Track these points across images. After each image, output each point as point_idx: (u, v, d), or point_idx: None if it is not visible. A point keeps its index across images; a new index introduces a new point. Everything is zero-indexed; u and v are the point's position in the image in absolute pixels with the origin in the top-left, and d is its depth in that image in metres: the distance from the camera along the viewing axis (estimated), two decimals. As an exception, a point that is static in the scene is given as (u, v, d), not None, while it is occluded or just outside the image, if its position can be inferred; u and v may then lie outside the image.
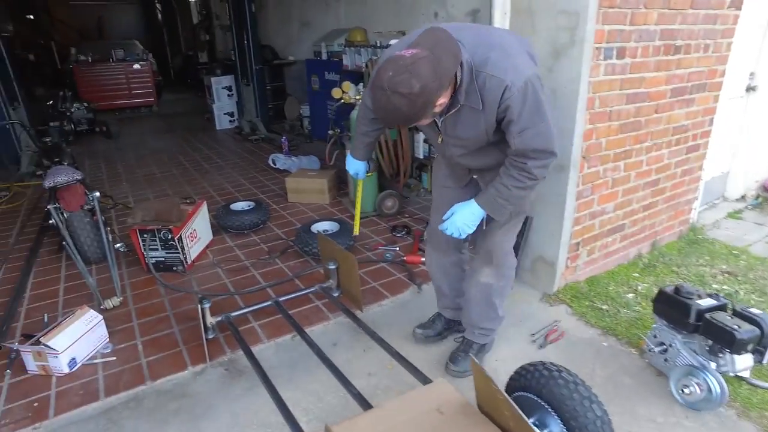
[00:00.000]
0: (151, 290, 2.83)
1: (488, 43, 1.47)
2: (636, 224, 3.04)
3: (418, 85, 1.30)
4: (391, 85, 1.31)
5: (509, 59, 1.44)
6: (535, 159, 1.55)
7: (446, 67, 1.35)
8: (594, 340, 2.40)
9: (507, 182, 1.62)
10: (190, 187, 4.69)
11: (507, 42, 1.52)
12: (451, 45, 1.39)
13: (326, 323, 2.49)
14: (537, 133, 1.51)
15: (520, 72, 1.43)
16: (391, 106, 1.34)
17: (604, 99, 2.41)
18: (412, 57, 1.32)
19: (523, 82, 1.43)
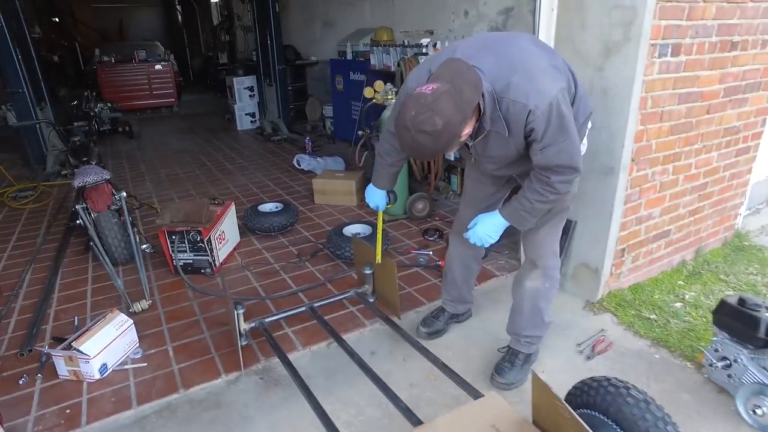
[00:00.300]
0: (179, 293, 2.76)
1: (509, 65, 1.43)
2: (681, 230, 2.90)
3: (441, 122, 1.30)
4: (415, 125, 1.32)
5: (532, 82, 1.41)
6: (558, 174, 1.54)
7: (468, 98, 1.34)
8: (644, 351, 2.27)
9: (529, 196, 1.62)
10: (213, 188, 4.64)
11: (529, 60, 1.47)
12: (470, 75, 1.37)
13: (362, 330, 2.40)
14: (559, 150, 1.48)
15: (544, 94, 1.40)
16: (416, 144, 1.35)
17: (657, 99, 2.28)
18: (433, 94, 1.31)
19: (547, 105, 1.40)
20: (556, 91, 1.42)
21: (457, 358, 2.23)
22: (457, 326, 2.45)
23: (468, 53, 1.47)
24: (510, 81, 1.40)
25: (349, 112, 5.76)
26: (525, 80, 1.40)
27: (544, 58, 1.51)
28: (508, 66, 1.42)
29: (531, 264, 1.99)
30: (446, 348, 2.30)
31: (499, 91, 1.41)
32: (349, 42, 5.67)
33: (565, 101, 1.46)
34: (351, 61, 5.56)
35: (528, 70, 1.42)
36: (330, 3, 6.70)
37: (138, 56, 9.29)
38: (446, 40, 4.34)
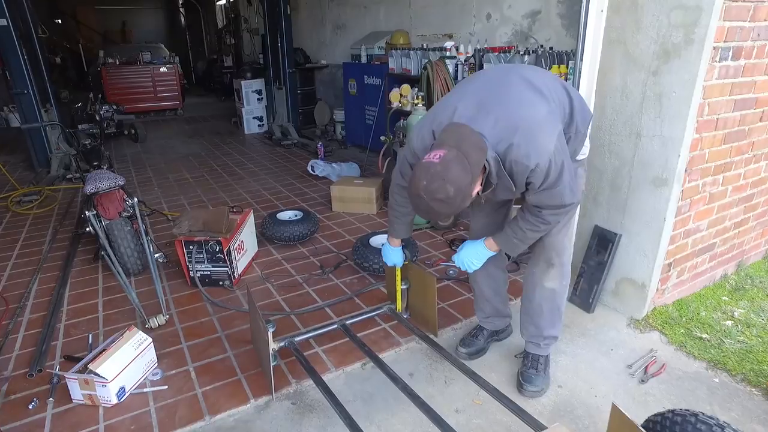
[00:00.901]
0: (197, 307, 2.60)
1: (509, 126, 1.46)
2: (726, 243, 2.76)
3: (453, 189, 1.36)
4: (428, 194, 1.37)
5: (532, 142, 1.45)
6: (548, 208, 1.62)
7: (475, 160, 1.39)
8: (701, 375, 2.12)
9: (522, 225, 1.70)
10: (225, 194, 4.48)
11: (526, 114, 1.49)
12: (475, 139, 1.42)
13: (397, 349, 2.24)
14: (552, 195, 1.56)
15: (543, 152, 1.46)
16: (431, 210, 1.42)
17: (714, 105, 2.15)
18: (442, 162, 1.36)
19: (546, 162, 1.46)
20: (554, 145, 1.47)
21: (503, 380, 2.08)
22: (497, 345, 2.30)
23: (468, 114, 1.50)
24: (512, 143, 1.45)
25: (363, 117, 5.62)
26: (525, 140, 1.44)
27: (540, 104, 1.53)
28: (509, 127, 1.46)
29: (547, 264, 1.93)
30: (489, 369, 2.15)
31: (502, 153, 1.47)
32: (363, 45, 5.55)
33: (563, 149, 1.52)
34: (366, 64, 5.42)
35: (527, 129, 1.46)
36: (342, 6, 6.57)
37: (143, 58, 9.15)
38: (468, 45, 4.21)
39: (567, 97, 1.64)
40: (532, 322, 2.04)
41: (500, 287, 2.19)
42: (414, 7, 5.21)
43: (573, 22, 3.57)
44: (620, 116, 2.27)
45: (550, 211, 1.63)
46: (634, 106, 2.21)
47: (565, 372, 2.12)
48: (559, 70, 3.08)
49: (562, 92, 1.64)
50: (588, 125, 1.75)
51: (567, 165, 1.54)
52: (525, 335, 2.10)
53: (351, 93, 5.74)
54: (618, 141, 2.31)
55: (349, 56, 6.21)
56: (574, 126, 1.66)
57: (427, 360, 2.19)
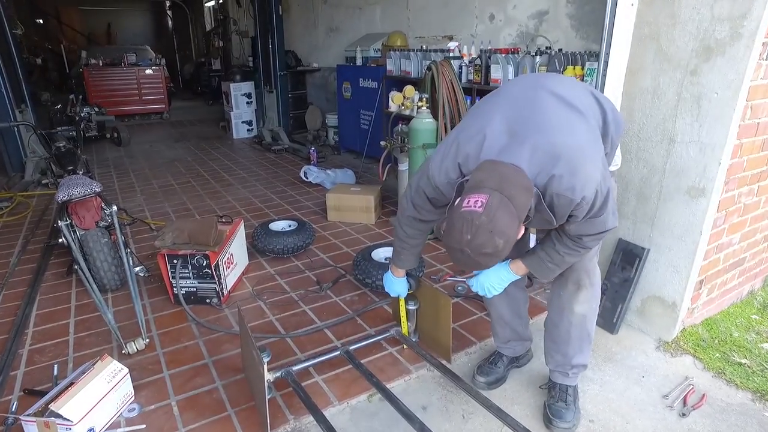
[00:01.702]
0: (181, 328, 2.34)
1: (548, 156, 1.27)
2: (755, 257, 2.57)
3: (501, 241, 1.19)
4: (474, 249, 1.19)
5: (575, 174, 1.26)
6: (589, 235, 1.47)
7: (521, 203, 1.22)
8: (747, 407, 1.91)
9: (560, 249, 1.53)
10: (212, 202, 4.21)
11: (566, 141, 1.29)
12: (518, 177, 1.24)
13: (407, 378, 2.00)
14: (594, 223, 1.41)
15: (590, 183, 1.27)
16: (477, 264, 1.25)
17: (756, 108, 1.96)
18: (486, 211, 1.17)
19: (593, 193, 1.29)
20: (600, 173, 1.30)
21: (527, 413, 1.85)
22: (517, 372, 2.07)
23: (500, 143, 1.31)
24: (552, 174, 1.27)
25: (358, 122, 5.40)
26: (568, 173, 1.26)
27: (579, 125, 1.35)
28: (547, 157, 1.27)
29: (576, 286, 1.71)
30: (511, 401, 1.92)
31: (542, 185, 1.29)
32: (358, 47, 5.33)
33: (607, 174, 1.35)
34: (361, 67, 5.21)
35: (570, 158, 1.27)
36: (336, 7, 6.37)
37: (127, 60, 8.84)
38: (471, 46, 4.02)
39: (599, 107, 1.45)
40: (558, 351, 1.82)
41: (521, 308, 1.97)
42: (412, 8, 5.02)
43: (583, 23, 3.40)
44: (651, 120, 2.07)
45: (591, 237, 1.47)
46: (668, 109, 2.01)
47: (596, 404, 1.90)
48: (574, 71, 2.89)
49: (594, 103, 1.45)
50: (619, 135, 1.56)
51: (611, 191, 1.37)
52: (551, 364, 1.88)
53: (345, 96, 5.51)
54: (647, 147, 2.11)
55: (342, 59, 5.99)
56: (609, 139, 1.49)
57: (440, 390, 1.96)
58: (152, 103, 9.01)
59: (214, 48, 10.14)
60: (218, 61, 9.99)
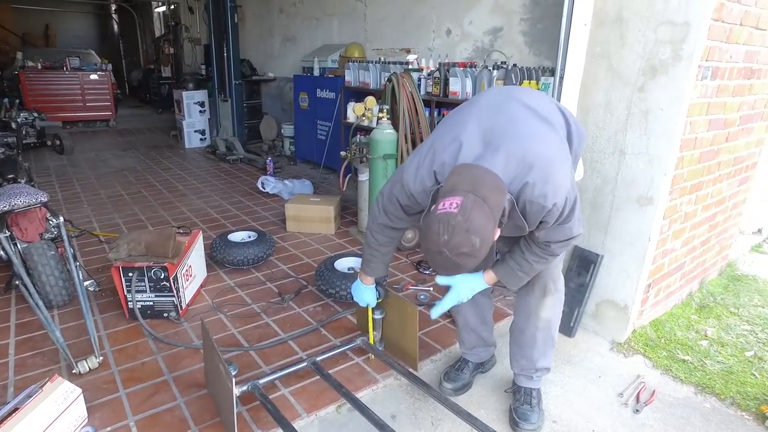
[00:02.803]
0: (137, 344, 2.23)
1: (522, 163, 1.32)
2: (693, 261, 2.77)
3: (478, 240, 1.21)
4: (452, 249, 1.21)
5: (549, 182, 1.32)
6: (556, 242, 1.51)
7: (495, 203, 1.25)
8: (691, 400, 2.04)
9: (529, 258, 1.57)
10: (166, 212, 4.06)
11: (539, 149, 1.35)
12: (491, 178, 1.27)
13: (374, 387, 2.00)
14: (562, 229, 1.46)
15: (561, 191, 1.33)
16: (456, 265, 1.26)
17: (695, 124, 2.12)
18: (461, 212, 1.20)
19: (563, 200, 1.35)
20: (569, 181, 1.37)
21: (494, 417, 1.90)
22: (482, 377, 2.12)
23: (475, 151, 1.35)
24: (526, 181, 1.32)
25: (315, 132, 5.38)
26: (541, 180, 1.31)
27: (550, 135, 1.41)
28: (521, 163, 1.32)
29: (543, 291, 1.79)
30: (477, 405, 1.96)
31: (515, 192, 1.34)
32: (316, 58, 5.33)
33: (574, 182, 1.41)
34: (319, 77, 5.20)
35: (542, 167, 1.33)
36: (292, 17, 6.35)
37: (70, 64, 8.40)
38: (429, 59, 4.12)
39: (563, 119, 1.53)
40: (524, 355, 1.88)
41: (486, 315, 2.03)
42: (369, 20, 5.09)
43: (536, 40, 3.56)
44: (603, 133, 2.20)
45: (559, 244, 1.52)
46: (619, 123, 2.14)
47: (557, 405, 1.97)
48: (530, 86, 3.02)
49: (559, 115, 1.52)
50: (583, 147, 1.65)
51: (578, 198, 1.44)
52: (516, 368, 1.93)
53: (302, 107, 5.49)
54: (601, 159, 2.24)
55: (299, 69, 5.98)
56: (573, 151, 1.54)
57: (409, 398, 1.97)
58: (98, 109, 8.58)
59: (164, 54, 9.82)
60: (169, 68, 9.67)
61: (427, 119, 3.42)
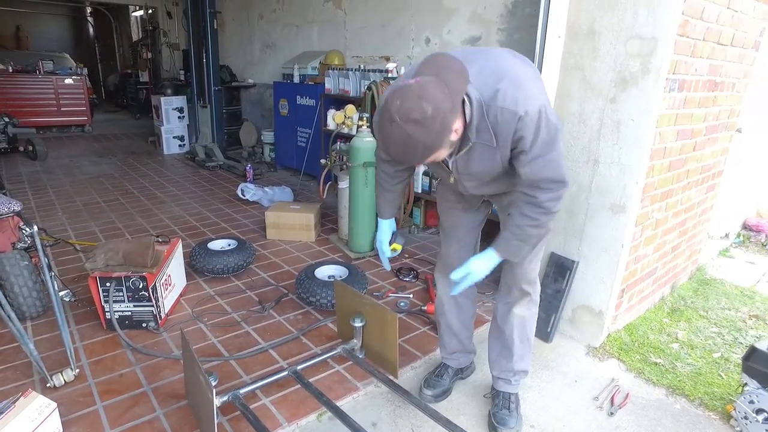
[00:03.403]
0: (115, 355, 2.20)
1: (494, 73, 1.33)
2: (665, 266, 2.85)
3: (430, 108, 1.18)
4: (402, 114, 1.19)
5: (521, 88, 1.32)
6: (546, 190, 1.42)
7: (456, 86, 1.24)
8: (663, 402, 2.10)
9: (521, 222, 1.49)
10: (144, 220, 4.01)
11: (513, 67, 1.37)
12: (455, 65, 1.27)
13: (355, 395, 2.01)
14: (547, 162, 1.38)
15: (534, 100, 1.32)
16: (406, 137, 1.22)
17: (664, 134, 2.20)
18: (418, 83, 1.21)
19: (537, 111, 1.31)
20: (544, 99, 1.35)
21: (473, 423, 1.93)
22: (462, 384, 2.15)
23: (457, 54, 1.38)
24: (498, 88, 1.31)
25: (295, 139, 5.37)
26: (513, 87, 1.31)
27: (528, 68, 1.43)
28: (494, 73, 1.33)
29: (521, 293, 1.84)
30: (457, 411, 1.99)
31: (487, 99, 1.32)
32: (296, 65, 5.34)
33: (552, 111, 1.38)
34: (299, 84, 5.21)
35: (515, 76, 1.33)
36: (272, 24, 6.35)
37: (43, 67, 8.23)
38: (409, 67, 4.16)
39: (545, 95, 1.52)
40: (503, 355, 1.92)
41: (468, 321, 2.07)
42: (349, 28, 5.12)
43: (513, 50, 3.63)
44: (578, 142, 2.26)
45: (548, 194, 1.42)
46: (592, 133, 2.21)
47: (535, 409, 2.02)
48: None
49: None
50: None
51: (559, 129, 1.39)
52: (495, 370, 1.97)
53: (282, 113, 5.48)
54: (575, 167, 2.30)
55: (279, 75, 5.97)
56: None
57: (389, 406, 1.99)
58: (72, 115, 8.41)
59: (141, 59, 9.69)
60: (146, 73, 9.55)
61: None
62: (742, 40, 2.56)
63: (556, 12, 2.20)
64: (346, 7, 5.10)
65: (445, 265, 1.95)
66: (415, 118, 1.18)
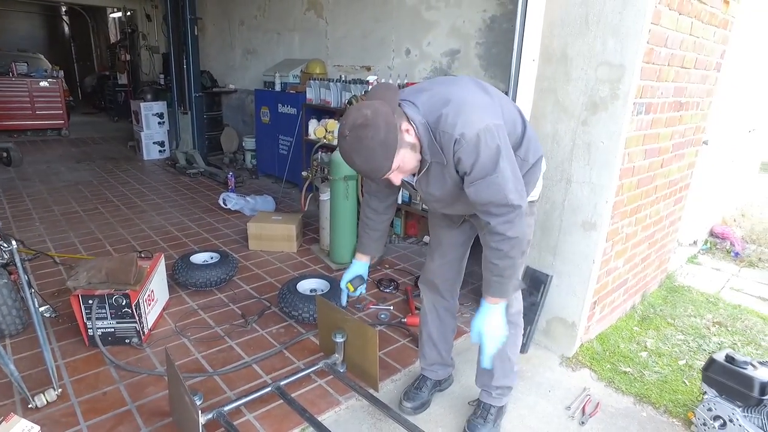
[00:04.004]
0: (98, 373, 2.22)
1: (442, 99, 1.44)
2: (635, 276, 2.98)
3: (369, 111, 1.34)
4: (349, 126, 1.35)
5: (461, 114, 1.40)
6: (495, 215, 1.48)
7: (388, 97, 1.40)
8: (631, 410, 2.21)
9: (489, 256, 1.56)
10: (125, 230, 3.99)
11: (462, 94, 1.47)
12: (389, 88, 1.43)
13: (337, 409, 2.07)
14: (489, 184, 1.43)
15: (472, 125, 1.39)
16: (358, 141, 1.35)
17: (632, 154, 2.31)
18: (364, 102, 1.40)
19: (475, 134, 1.38)
20: (486, 124, 1.40)
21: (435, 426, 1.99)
22: (440, 396, 2.22)
23: (405, 93, 1.52)
24: (440, 113, 1.41)
25: (276, 147, 5.40)
26: (454, 112, 1.40)
27: (482, 96, 1.51)
28: (441, 99, 1.44)
29: None
30: (436, 424, 2.06)
31: (432, 124, 1.42)
32: (277, 72, 5.36)
33: (500, 136, 1.42)
34: (280, 92, 5.23)
35: (460, 102, 1.42)
36: (254, 30, 6.35)
37: (16, 69, 8.06)
38: (389, 78, 4.23)
39: (520, 118, 1.62)
40: (485, 373, 1.98)
41: (448, 334, 2.14)
42: (331, 37, 5.16)
43: (491, 63, 3.73)
44: (552, 162, 2.35)
45: (498, 219, 1.46)
46: (565, 153, 2.30)
47: (510, 419, 2.10)
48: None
49: (516, 112, 1.62)
50: (538, 161, 1.69)
51: (507, 156, 1.43)
52: (478, 383, 2.04)
53: (263, 121, 5.49)
54: (549, 185, 2.39)
55: (260, 82, 5.97)
56: (523, 151, 1.61)
57: (370, 419, 2.05)
58: (48, 118, 8.25)
59: (120, 61, 9.55)
60: (125, 75, 9.42)
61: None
62: (704, 62, 2.70)
63: (530, 37, 2.29)
64: (327, 16, 5.14)
65: (427, 278, 2.05)
66: (360, 123, 1.34)
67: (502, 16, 3.57)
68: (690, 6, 2.30)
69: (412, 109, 1.45)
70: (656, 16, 2.04)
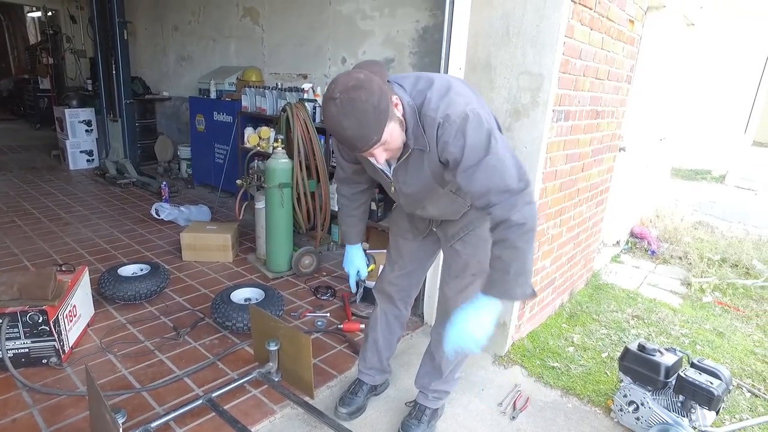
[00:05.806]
0: (8, 398, 2.05)
1: (428, 83, 1.41)
2: (563, 276, 3.14)
3: (362, 74, 1.27)
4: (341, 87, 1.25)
5: (445, 97, 1.36)
6: (496, 204, 1.34)
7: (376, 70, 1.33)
8: (558, 402, 2.32)
9: (494, 249, 1.40)
10: (47, 244, 3.74)
11: (449, 81, 1.44)
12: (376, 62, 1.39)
13: (272, 418, 2.04)
14: (483, 170, 1.32)
15: (456, 107, 1.33)
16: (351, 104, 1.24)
17: (553, 159, 2.45)
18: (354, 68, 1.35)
19: (459, 116, 1.32)
20: (472, 107, 1.33)
21: None
22: (375, 400, 2.24)
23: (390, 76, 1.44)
24: (425, 96, 1.37)
25: (212, 155, 5.26)
26: (439, 96, 1.36)
27: (468, 88, 1.47)
28: (426, 83, 1.40)
29: None
30: (371, 427, 2.07)
31: (418, 106, 1.37)
32: (212, 80, 5.24)
33: (488, 120, 1.36)
34: (215, 100, 5.11)
35: (444, 86, 1.39)
36: (188, 36, 6.18)
37: None
38: (325, 86, 4.24)
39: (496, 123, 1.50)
40: (429, 376, 2.01)
41: (393, 342, 2.15)
42: (267, 44, 5.12)
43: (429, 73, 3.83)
44: (478, 167, 2.45)
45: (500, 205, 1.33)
46: (490, 159, 2.40)
47: (445, 419, 2.14)
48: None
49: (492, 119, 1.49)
50: None
51: (501, 138, 1.35)
52: (417, 384, 2.07)
53: (198, 129, 5.35)
54: (477, 190, 2.48)
55: (195, 89, 5.81)
56: None
57: (305, 427, 2.03)
58: (-42, 126, 7.62)
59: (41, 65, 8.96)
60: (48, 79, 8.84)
61: (321, 148, 3.53)
62: (616, 75, 2.91)
63: (456, 45, 2.38)
64: (263, 23, 5.10)
65: (382, 287, 2.03)
66: (352, 85, 1.24)
67: (434, 26, 3.69)
68: (600, 22, 2.48)
69: (400, 90, 1.39)
70: (570, 29, 2.19)
